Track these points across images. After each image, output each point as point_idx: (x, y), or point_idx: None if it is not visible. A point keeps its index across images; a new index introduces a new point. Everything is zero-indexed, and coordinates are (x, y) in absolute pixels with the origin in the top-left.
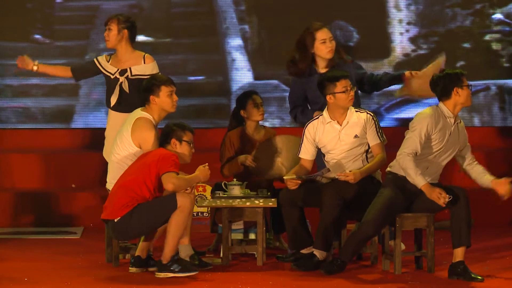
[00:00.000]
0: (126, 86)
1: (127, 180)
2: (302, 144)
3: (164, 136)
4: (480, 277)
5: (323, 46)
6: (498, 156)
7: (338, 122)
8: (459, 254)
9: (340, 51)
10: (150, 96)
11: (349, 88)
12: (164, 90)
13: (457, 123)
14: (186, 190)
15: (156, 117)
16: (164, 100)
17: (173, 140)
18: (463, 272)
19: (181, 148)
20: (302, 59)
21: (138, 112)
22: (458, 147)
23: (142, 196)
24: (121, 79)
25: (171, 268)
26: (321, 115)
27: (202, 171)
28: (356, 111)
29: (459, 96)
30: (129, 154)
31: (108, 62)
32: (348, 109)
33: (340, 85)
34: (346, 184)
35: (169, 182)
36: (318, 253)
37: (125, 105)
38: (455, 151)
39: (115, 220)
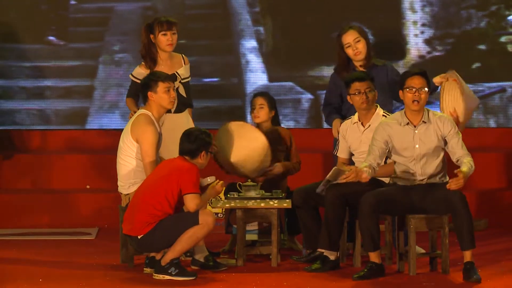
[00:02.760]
0: (182, 91)
1: (147, 195)
2: (339, 143)
3: (195, 145)
4: (475, 277)
5: (349, 50)
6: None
7: (362, 123)
8: (466, 256)
9: (369, 49)
10: (148, 92)
11: (362, 91)
12: (161, 86)
13: (427, 125)
14: None
15: (155, 113)
16: (161, 96)
17: (204, 153)
18: (467, 272)
19: (206, 158)
20: (339, 62)
21: (138, 111)
22: (439, 146)
23: (163, 212)
24: (177, 84)
25: (169, 271)
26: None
27: (214, 190)
28: (383, 115)
29: (404, 98)
30: (133, 153)
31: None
32: (373, 112)
33: (353, 87)
34: (350, 184)
35: (193, 203)
36: (328, 254)
37: (182, 106)
38: (439, 152)
39: (138, 237)
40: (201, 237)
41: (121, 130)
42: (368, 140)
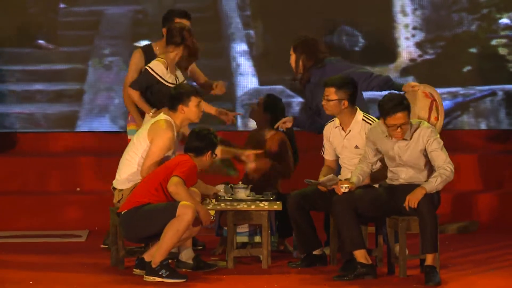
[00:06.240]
0: None
1: (147, 178)
2: (324, 145)
3: (203, 144)
4: (435, 281)
5: None
6: (501, 159)
7: (343, 128)
8: (428, 259)
9: (300, 62)
10: (179, 105)
11: (325, 97)
12: (194, 100)
13: (407, 142)
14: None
15: (178, 123)
16: (192, 110)
17: (210, 153)
18: (426, 275)
19: (210, 159)
20: None
21: (161, 115)
22: (423, 157)
23: (157, 196)
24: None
25: (159, 273)
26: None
27: (205, 213)
28: (364, 120)
29: None
30: (142, 152)
31: (167, 70)
32: (352, 116)
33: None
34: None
35: (173, 184)
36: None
37: None
38: (424, 161)
39: (122, 212)
40: (182, 230)
41: (112, 133)
42: (350, 147)
